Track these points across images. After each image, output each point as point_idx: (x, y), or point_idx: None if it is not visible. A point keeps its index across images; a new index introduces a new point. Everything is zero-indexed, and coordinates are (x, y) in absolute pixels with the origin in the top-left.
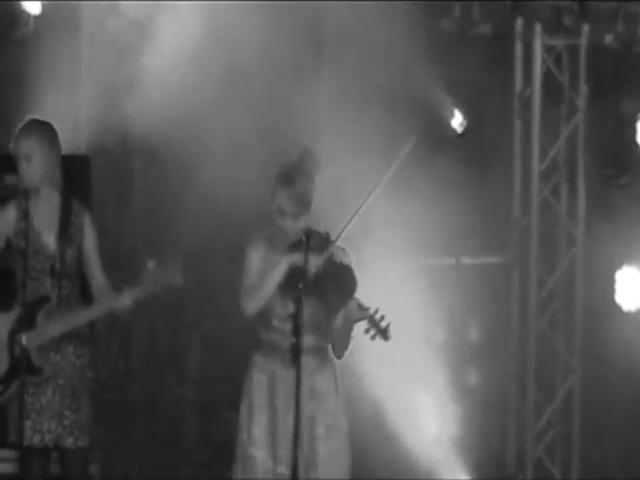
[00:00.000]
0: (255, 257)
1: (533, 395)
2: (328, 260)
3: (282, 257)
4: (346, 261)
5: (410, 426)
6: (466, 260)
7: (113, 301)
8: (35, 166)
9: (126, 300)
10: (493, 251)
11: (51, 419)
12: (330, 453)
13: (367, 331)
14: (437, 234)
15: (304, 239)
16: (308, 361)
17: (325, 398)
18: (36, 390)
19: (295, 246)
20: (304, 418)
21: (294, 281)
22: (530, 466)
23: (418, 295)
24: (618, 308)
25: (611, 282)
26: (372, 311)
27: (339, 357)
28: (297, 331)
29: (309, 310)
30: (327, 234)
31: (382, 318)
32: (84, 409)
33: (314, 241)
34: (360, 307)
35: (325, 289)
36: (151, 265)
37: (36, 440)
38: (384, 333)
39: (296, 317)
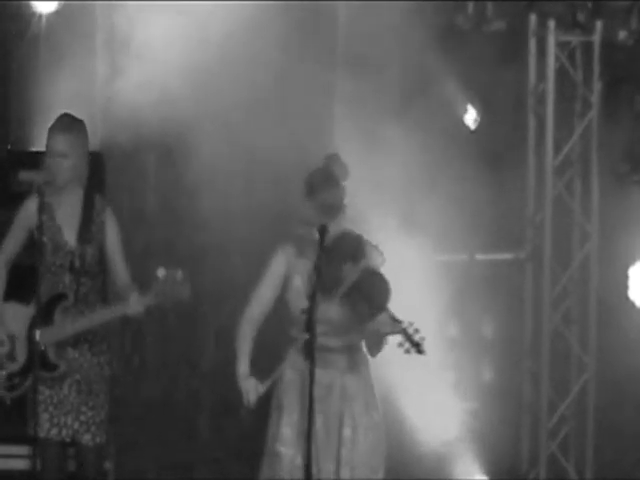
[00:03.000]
0: (276, 263)
1: (547, 391)
2: (364, 270)
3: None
4: (379, 260)
5: (423, 422)
6: (480, 256)
7: (124, 307)
8: (69, 164)
9: (136, 307)
10: (507, 247)
11: (68, 414)
12: (358, 454)
13: (401, 345)
14: (451, 230)
15: (317, 235)
16: (340, 360)
17: (355, 399)
18: (53, 384)
19: (327, 251)
20: (333, 417)
21: (327, 286)
22: (544, 462)
23: (432, 291)
24: (632, 304)
25: (625, 278)
26: (405, 324)
27: (373, 356)
28: (310, 327)
29: (343, 310)
30: (360, 237)
31: (416, 331)
32: (102, 406)
33: (346, 245)
34: (393, 320)
35: (356, 300)
36: (161, 273)
37: (53, 433)
38: (418, 347)
39: (309, 313)
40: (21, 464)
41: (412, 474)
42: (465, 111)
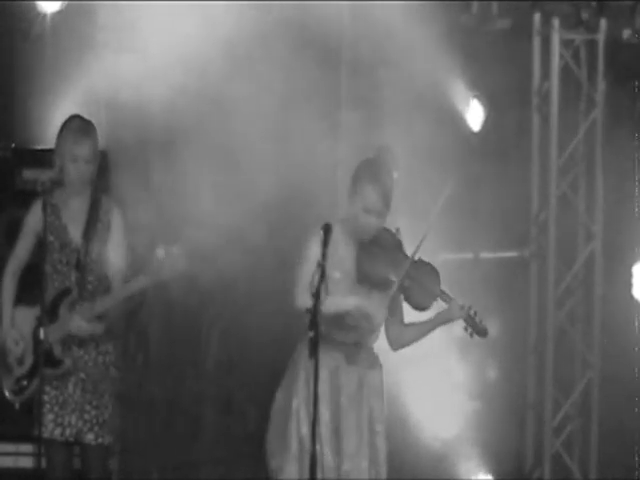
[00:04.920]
0: (316, 247)
1: (551, 390)
2: (411, 261)
3: (353, 297)
4: None
5: (427, 420)
6: (484, 255)
7: (122, 290)
8: (91, 169)
9: (135, 286)
10: (511, 246)
11: (72, 413)
12: (385, 452)
13: (465, 329)
14: (455, 229)
15: (322, 233)
16: (364, 357)
17: (379, 395)
18: (59, 384)
19: (365, 246)
20: (364, 414)
21: (379, 281)
22: (548, 461)
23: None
24: (636, 302)
25: (629, 276)
26: (466, 308)
27: (396, 350)
28: (314, 324)
29: (386, 305)
30: (398, 230)
31: (475, 314)
32: (106, 406)
33: (389, 239)
34: (461, 307)
35: (412, 290)
36: (160, 253)
37: (57, 433)
38: (482, 330)
39: (314, 310)
40: (29, 462)
41: (416, 472)
42: (471, 110)
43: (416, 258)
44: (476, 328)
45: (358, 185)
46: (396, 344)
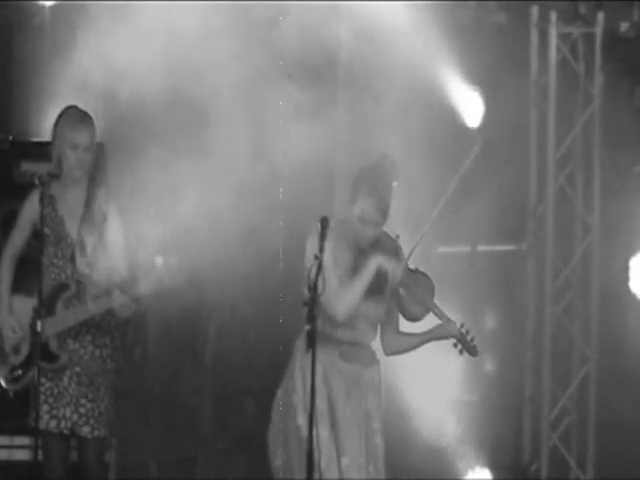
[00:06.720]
0: (326, 252)
1: (549, 383)
2: (407, 268)
3: (370, 258)
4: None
5: (425, 415)
6: (481, 248)
7: (117, 298)
8: (89, 157)
9: (132, 294)
10: (508, 239)
11: (67, 406)
12: (383, 448)
13: (455, 345)
14: (453, 222)
15: (319, 226)
16: (364, 355)
17: (378, 391)
18: (54, 375)
19: (364, 251)
20: (362, 411)
21: (376, 284)
22: (545, 454)
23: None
24: (633, 295)
25: (626, 270)
26: (458, 325)
27: (388, 355)
28: (311, 318)
29: (372, 309)
30: (397, 237)
31: (467, 332)
32: (102, 399)
33: (388, 244)
34: (455, 326)
35: (402, 299)
36: (159, 261)
37: (52, 425)
38: (473, 350)
39: (311, 304)
40: (25, 455)
41: (412, 467)
42: (468, 104)
43: (413, 267)
44: (467, 347)
45: (356, 195)
46: (389, 350)
